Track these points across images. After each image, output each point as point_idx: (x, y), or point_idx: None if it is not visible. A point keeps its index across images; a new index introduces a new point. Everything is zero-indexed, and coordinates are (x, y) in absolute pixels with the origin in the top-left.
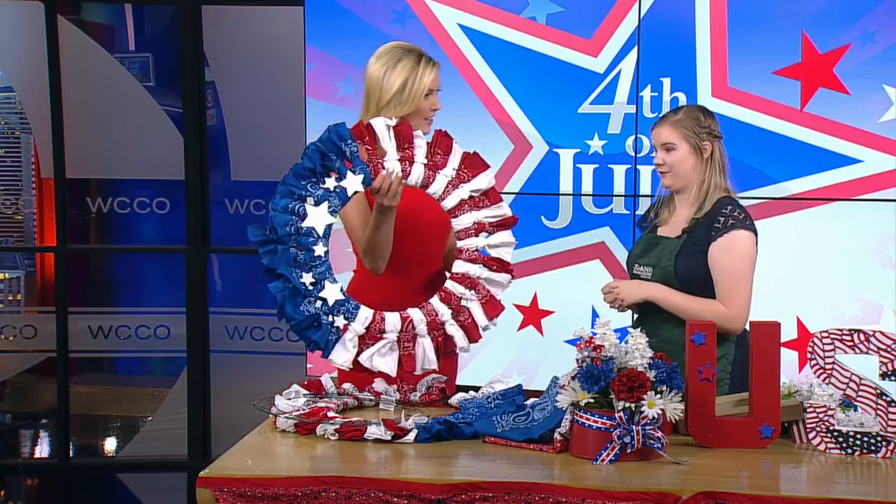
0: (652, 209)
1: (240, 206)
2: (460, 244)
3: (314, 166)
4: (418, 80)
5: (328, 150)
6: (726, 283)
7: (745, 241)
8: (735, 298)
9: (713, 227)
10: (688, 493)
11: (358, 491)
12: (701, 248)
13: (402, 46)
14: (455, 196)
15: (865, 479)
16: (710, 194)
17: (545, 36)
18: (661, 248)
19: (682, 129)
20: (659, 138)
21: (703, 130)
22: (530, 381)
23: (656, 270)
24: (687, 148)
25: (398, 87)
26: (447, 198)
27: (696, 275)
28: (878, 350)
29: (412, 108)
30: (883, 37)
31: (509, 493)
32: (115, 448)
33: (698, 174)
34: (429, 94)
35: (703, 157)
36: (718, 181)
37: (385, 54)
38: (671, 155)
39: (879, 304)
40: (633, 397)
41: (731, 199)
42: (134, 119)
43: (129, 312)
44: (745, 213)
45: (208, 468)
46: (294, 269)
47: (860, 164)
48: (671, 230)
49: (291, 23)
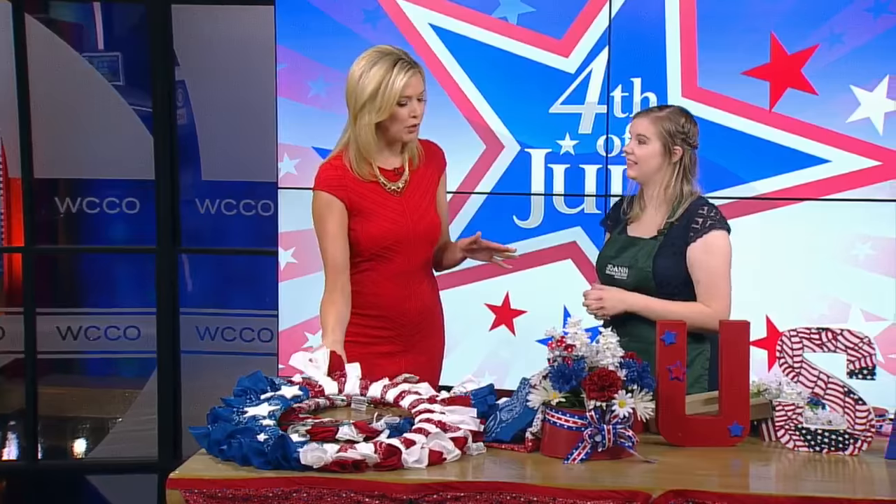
0: (620, 207)
1: (210, 206)
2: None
3: (245, 389)
4: (390, 84)
5: (254, 386)
6: (707, 283)
7: (723, 240)
8: (717, 297)
9: (691, 229)
10: (658, 492)
11: (329, 491)
12: (679, 249)
13: (381, 49)
14: (396, 389)
15: (833, 477)
16: (681, 201)
17: (516, 36)
18: (637, 249)
19: (660, 126)
20: (636, 128)
21: (679, 134)
22: (502, 381)
23: (632, 271)
24: (658, 146)
25: (370, 93)
26: (387, 393)
27: (674, 276)
28: (845, 348)
29: (386, 115)
30: (850, 38)
31: (481, 493)
32: (84, 450)
33: (663, 176)
34: (406, 102)
35: (671, 161)
36: (687, 188)
37: (364, 57)
38: (641, 148)
39: (847, 302)
40: (603, 396)
41: (704, 199)
42: (103, 118)
43: (98, 313)
44: (720, 213)
45: (178, 469)
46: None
47: (828, 164)
48: (643, 230)
49: (262, 22)
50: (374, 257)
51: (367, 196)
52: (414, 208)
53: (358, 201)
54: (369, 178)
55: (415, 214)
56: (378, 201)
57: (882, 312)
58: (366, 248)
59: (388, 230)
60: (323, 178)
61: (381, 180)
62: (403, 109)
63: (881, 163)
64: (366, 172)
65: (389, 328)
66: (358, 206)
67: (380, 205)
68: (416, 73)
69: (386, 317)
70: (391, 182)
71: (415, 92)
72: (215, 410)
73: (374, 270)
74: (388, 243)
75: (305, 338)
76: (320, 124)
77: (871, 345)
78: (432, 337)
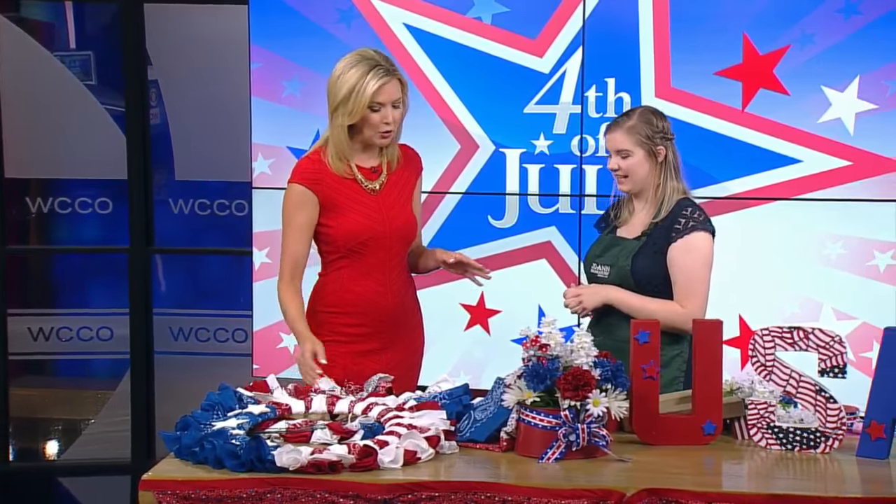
0: (611, 210)
1: (184, 206)
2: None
3: (213, 404)
4: (362, 90)
5: (223, 402)
6: (684, 284)
7: (704, 242)
8: (692, 298)
9: (673, 229)
10: (632, 490)
11: (304, 492)
12: (660, 248)
13: (363, 53)
14: (363, 403)
15: (805, 475)
16: (667, 198)
17: (491, 36)
18: (620, 249)
19: (636, 134)
20: (613, 144)
21: (656, 134)
22: (477, 381)
23: (613, 270)
24: (642, 154)
25: (343, 95)
26: (355, 406)
27: (655, 274)
28: (817, 347)
29: (357, 118)
30: (821, 39)
31: (455, 493)
32: (56, 451)
33: (654, 178)
34: (379, 108)
35: (658, 161)
36: (675, 184)
37: (346, 58)
38: (626, 161)
39: (819, 301)
40: (578, 396)
41: (689, 200)
42: (75, 118)
43: (70, 314)
44: (704, 215)
45: (151, 471)
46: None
47: (800, 164)
48: (630, 231)
49: (236, 21)
50: (350, 253)
51: (341, 192)
52: (390, 206)
53: (332, 196)
54: (346, 175)
55: (391, 212)
56: (353, 197)
57: (853, 311)
58: (342, 244)
59: (363, 225)
60: (299, 171)
61: (358, 178)
62: (376, 115)
63: (852, 163)
64: (342, 170)
65: (367, 325)
66: (332, 200)
67: (355, 201)
68: (391, 80)
69: (363, 313)
70: (369, 181)
71: (388, 99)
72: (185, 419)
73: (349, 267)
74: (363, 238)
75: (280, 338)
76: (294, 124)
77: (842, 343)
78: (412, 334)
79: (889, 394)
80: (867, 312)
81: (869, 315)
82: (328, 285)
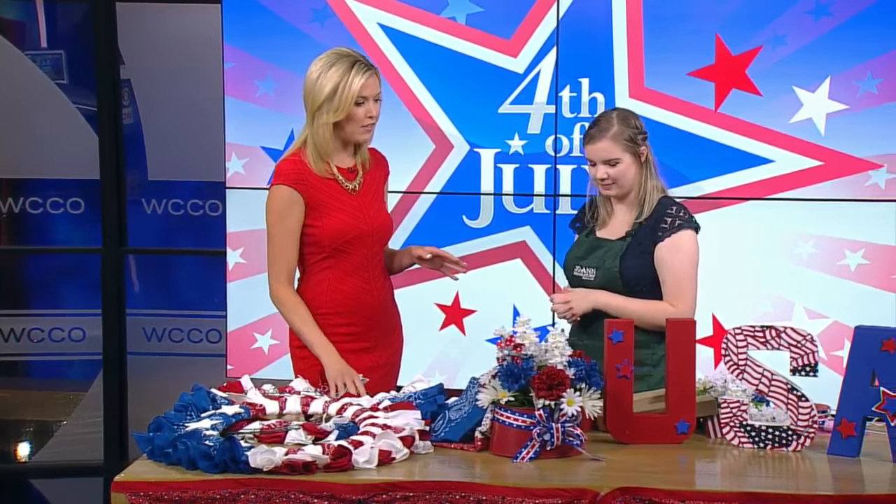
0: (587, 210)
1: (157, 207)
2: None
3: (186, 405)
4: (348, 85)
5: (196, 403)
6: (673, 283)
7: (690, 240)
8: (682, 297)
9: (659, 228)
10: (606, 490)
11: (277, 493)
12: (647, 248)
13: (338, 51)
14: (338, 403)
15: (777, 473)
16: (649, 197)
17: (465, 36)
18: (605, 251)
19: (622, 141)
20: (599, 155)
21: (638, 135)
22: (452, 380)
23: (600, 272)
24: (629, 158)
25: (328, 93)
26: (329, 407)
27: (643, 275)
28: (788, 346)
29: (343, 115)
30: (792, 39)
31: (430, 493)
32: (28, 453)
33: (637, 179)
34: (363, 102)
35: (641, 162)
36: (654, 182)
37: (322, 59)
38: (616, 168)
39: (791, 300)
40: (552, 395)
41: (670, 199)
42: (46, 118)
43: (42, 315)
44: (688, 213)
45: (123, 472)
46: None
47: (772, 163)
48: (612, 232)
49: (209, 21)
50: (336, 252)
51: (325, 192)
52: (369, 206)
53: (317, 196)
54: (327, 176)
55: (370, 211)
56: (336, 197)
57: (824, 310)
58: (328, 243)
59: (349, 224)
60: (283, 173)
61: (338, 178)
62: (360, 109)
63: (823, 163)
64: (323, 170)
65: (357, 323)
66: (316, 200)
67: (338, 200)
68: (373, 74)
69: (350, 312)
70: (348, 181)
71: (371, 93)
72: (158, 420)
73: (335, 267)
74: (349, 237)
75: (254, 338)
76: (268, 124)
77: (814, 342)
78: (393, 333)
79: (860, 392)
80: (838, 311)
81: (840, 314)
82: (316, 287)
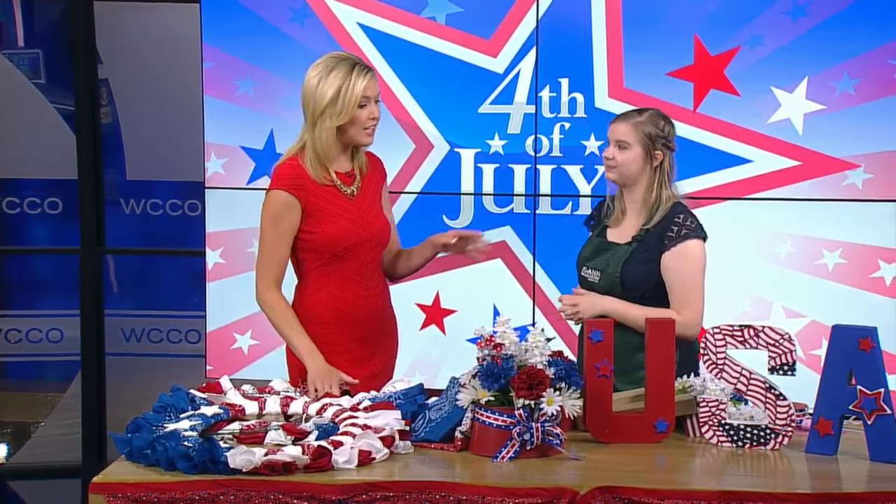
0: (602, 207)
1: (136, 207)
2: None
3: (165, 406)
4: (351, 88)
5: (175, 404)
6: (680, 292)
7: (698, 249)
8: (689, 306)
9: (666, 236)
10: (585, 489)
11: (257, 494)
12: (652, 255)
13: (335, 56)
14: (318, 403)
15: (755, 471)
16: (660, 206)
17: (445, 36)
18: (611, 254)
19: (641, 132)
20: (615, 134)
21: (659, 139)
22: (433, 380)
23: (603, 275)
24: (639, 151)
25: (331, 97)
26: (309, 407)
27: (644, 282)
28: (767, 345)
29: (347, 118)
30: (770, 40)
31: (410, 493)
32: (5, 455)
33: (645, 180)
34: (365, 104)
35: (653, 165)
36: (668, 193)
37: (319, 64)
38: (622, 153)
39: (769, 300)
40: (532, 395)
41: (682, 205)
42: (23, 117)
43: (19, 315)
44: (696, 221)
45: (101, 474)
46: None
47: (750, 163)
48: (621, 236)
49: (187, 20)
50: (334, 258)
51: (323, 197)
52: (367, 210)
53: (315, 202)
54: (325, 181)
55: (368, 216)
56: (334, 202)
57: (802, 309)
58: (326, 250)
59: (347, 230)
60: (281, 177)
61: (337, 184)
62: (363, 111)
63: (801, 163)
64: (321, 176)
65: (360, 331)
66: (314, 206)
67: (336, 206)
68: (372, 75)
69: (351, 320)
70: (346, 186)
71: (373, 93)
72: (136, 421)
73: (333, 274)
74: (348, 243)
75: (234, 339)
76: (248, 123)
77: (792, 341)
78: (391, 338)
79: (837, 391)
80: (816, 310)
81: (818, 313)
82: (314, 294)
